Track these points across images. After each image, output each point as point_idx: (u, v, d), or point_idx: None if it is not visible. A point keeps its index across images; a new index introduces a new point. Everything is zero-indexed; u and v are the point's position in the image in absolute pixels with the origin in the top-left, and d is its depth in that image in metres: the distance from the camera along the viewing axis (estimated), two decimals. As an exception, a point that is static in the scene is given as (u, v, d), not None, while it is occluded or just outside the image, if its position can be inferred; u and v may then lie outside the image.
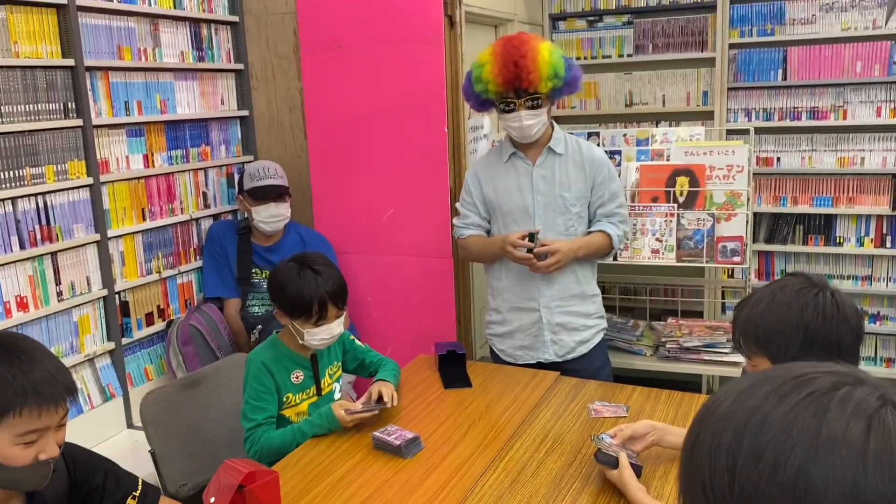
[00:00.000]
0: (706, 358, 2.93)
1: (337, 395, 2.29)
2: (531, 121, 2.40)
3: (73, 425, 1.74)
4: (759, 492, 0.64)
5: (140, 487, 1.68)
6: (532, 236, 2.42)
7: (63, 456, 1.53)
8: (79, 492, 1.61)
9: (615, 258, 2.89)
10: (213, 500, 1.59)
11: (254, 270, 3.08)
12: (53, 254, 2.54)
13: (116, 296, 2.77)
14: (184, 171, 3.07)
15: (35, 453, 1.39)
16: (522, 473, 1.83)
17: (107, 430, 2.72)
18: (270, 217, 2.98)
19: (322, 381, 2.23)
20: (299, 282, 2.07)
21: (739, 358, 2.91)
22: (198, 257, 3.16)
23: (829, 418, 0.64)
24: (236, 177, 3.25)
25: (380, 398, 2.13)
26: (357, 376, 2.60)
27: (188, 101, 3.09)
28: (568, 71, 2.38)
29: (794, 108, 3.98)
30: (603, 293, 2.71)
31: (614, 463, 1.69)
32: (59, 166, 2.55)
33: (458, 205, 2.69)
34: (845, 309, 1.46)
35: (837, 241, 4.00)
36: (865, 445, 0.62)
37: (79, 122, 2.60)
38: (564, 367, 2.54)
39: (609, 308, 2.87)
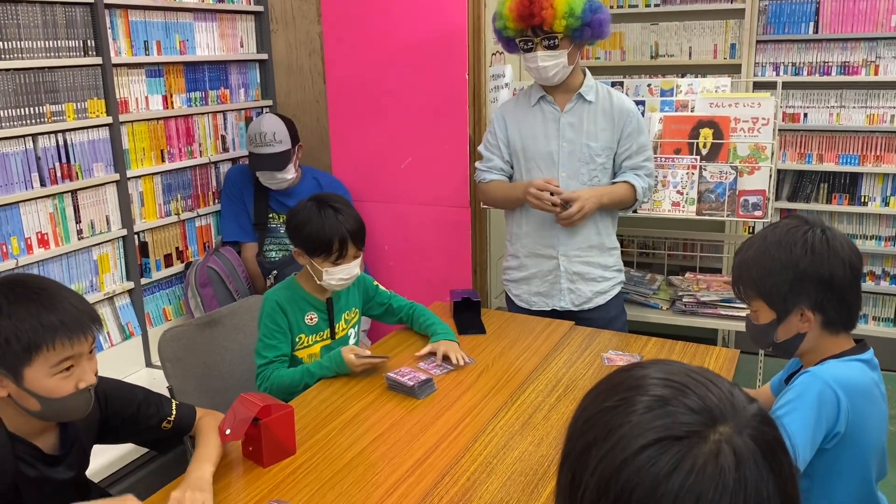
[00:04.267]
0: (723, 313, 2.91)
1: (352, 342, 2.30)
2: (548, 62, 2.36)
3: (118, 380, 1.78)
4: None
5: (174, 412, 1.73)
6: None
7: (94, 389, 1.57)
8: (111, 422, 1.67)
9: (635, 210, 2.86)
10: (228, 431, 1.62)
11: (270, 215, 3.09)
12: (73, 192, 2.56)
13: (136, 236, 2.79)
14: (203, 113, 3.06)
15: (75, 382, 1.45)
16: (534, 416, 1.84)
17: (126, 367, 2.77)
18: (270, 181, 2.98)
19: (336, 326, 2.24)
20: (320, 219, 2.07)
21: (756, 313, 2.89)
22: (216, 201, 3.17)
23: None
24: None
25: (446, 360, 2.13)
26: (382, 322, 2.59)
27: (207, 43, 3.06)
28: (588, 13, 2.32)
29: (825, 62, 3.88)
30: (621, 247, 2.68)
31: None
32: (78, 104, 2.55)
33: (480, 147, 2.66)
34: (836, 244, 1.45)
35: (862, 200, 3.93)
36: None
37: (98, 60, 2.58)
38: (579, 316, 2.54)
39: (626, 263, 2.85)
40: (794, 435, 1.38)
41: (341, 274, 2.11)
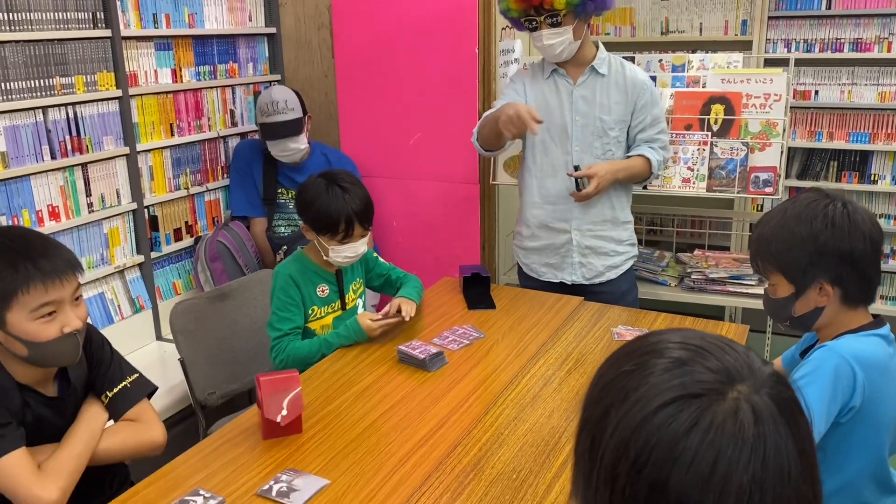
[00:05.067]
0: (731, 290, 2.91)
1: (360, 311, 2.31)
2: (553, 40, 2.34)
3: (103, 334, 1.80)
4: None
5: (116, 390, 1.69)
6: (576, 169, 2.39)
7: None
8: (93, 373, 1.69)
9: (645, 187, 2.85)
10: (284, 414, 1.62)
11: (280, 191, 3.08)
12: (84, 165, 2.56)
13: (145, 210, 2.80)
14: (211, 87, 3.05)
15: (59, 327, 1.50)
16: (544, 389, 1.85)
17: (136, 340, 2.78)
18: (283, 152, 2.96)
19: (346, 297, 2.25)
20: (327, 198, 2.07)
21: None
22: (225, 175, 3.17)
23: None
24: (262, 96, 3.22)
25: (399, 312, 2.16)
26: (381, 294, 2.61)
27: (216, 16, 3.04)
28: None
29: (837, 39, 3.84)
30: (629, 224, 2.68)
31: None
32: (88, 77, 2.54)
33: (495, 102, 2.60)
34: (857, 218, 1.44)
35: (872, 178, 3.91)
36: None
37: (107, 32, 2.58)
38: (590, 290, 2.54)
39: (635, 240, 2.84)
40: (811, 406, 1.38)
41: (347, 252, 2.11)
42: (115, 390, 1.69)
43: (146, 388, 1.75)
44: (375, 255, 2.38)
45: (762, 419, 0.65)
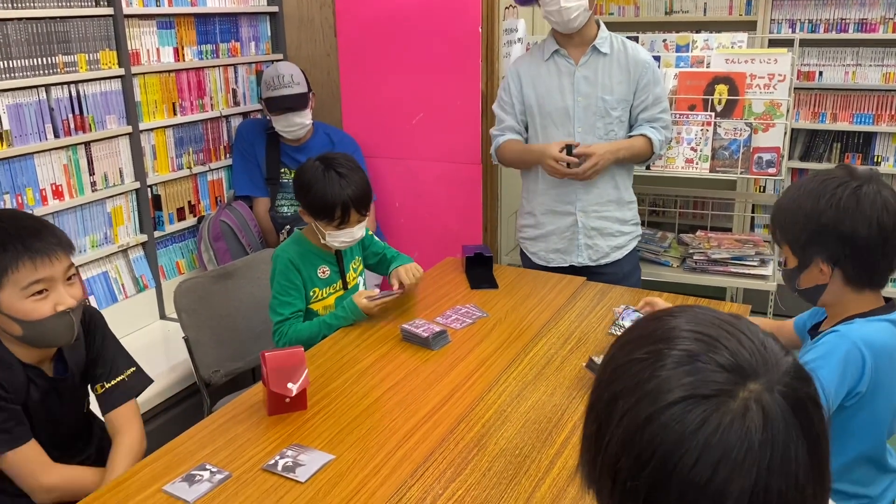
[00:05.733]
0: (733, 270, 2.92)
1: (361, 289, 2.31)
2: (570, 3, 2.32)
3: (107, 314, 1.81)
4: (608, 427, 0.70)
5: (107, 385, 1.70)
6: (569, 148, 2.38)
7: (83, 326, 1.64)
8: (91, 360, 1.70)
9: (647, 167, 2.85)
10: (292, 387, 1.64)
11: (282, 170, 3.08)
12: (87, 144, 2.56)
13: (148, 189, 2.80)
14: (214, 66, 3.04)
15: (52, 305, 1.52)
16: (546, 368, 1.87)
17: (140, 319, 2.80)
18: (289, 127, 2.95)
19: (347, 276, 2.26)
20: (323, 184, 2.06)
21: (767, 271, 2.90)
22: (227, 155, 3.17)
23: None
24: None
25: (400, 285, 2.18)
26: (377, 273, 2.61)
27: (218, -5, 3.03)
28: None
29: (842, 19, 3.82)
30: (632, 205, 2.68)
31: None
32: (90, 55, 2.53)
33: (494, 106, 2.63)
34: (866, 203, 1.41)
35: (875, 160, 3.91)
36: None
37: (109, 10, 2.57)
38: (595, 271, 2.55)
39: (638, 221, 2.85)
40: (825, 388, 1.38)
41: (344, 237, 2.11)
42: (112, 382, 1.70)
43: (142, 384, 1.77)
44: (371, 233, 2.38)
45: (771, 421, 0.63)
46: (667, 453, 0.64)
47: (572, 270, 2.57)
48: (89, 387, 1.74)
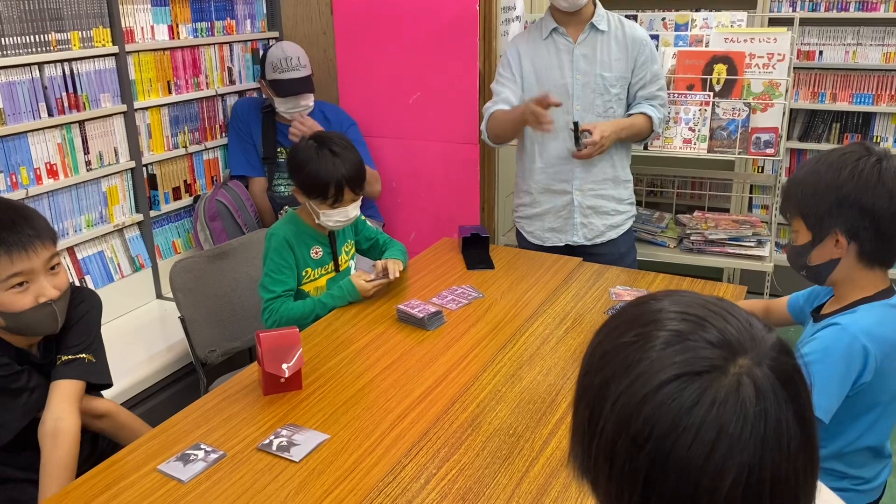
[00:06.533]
0: (730, 251, 2.92)
1: (353, 272, 2.31)
2: None
3: (103, 294, 1.81)
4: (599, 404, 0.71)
5: (69, 358, 1.65)
6: (576, 126, 2.37)
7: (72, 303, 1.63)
8: (64, 328, 1.66)
9: (645, 147, 2.84)
10: (286, 368, 1.65)
11: (279, 150, 3.07)
12: (81, 123, 2.54)
13: (144, 168, 2.79)
14: (209, 44, 3.02)
15: (33, 297, 1.52)
16: (542, 348, 1.87)
17: (136, 299, 2.80)
18: (295, 109, 2.93)
19: (339, 258, 2.25)
20: (317, 162, 2.05)
21: (763, 251, 2.90)
22: (223, 134, 3.15)
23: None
24: (261, 54, 3.18)
25: (385, 272, 2.18)
26: (368, 258, 2.61)
27: (213, -29, 2.99)
28: None
29: (843, -3, 3.79)
30: (629, 185, 2.67)
31: None
32: (84, 33, 2.51)
33: (493, 84, 2.61)
34: (888, 176, 1.40)
35: (875, 140, 3.89)
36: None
37: (102, -13, 2.54)
38: (591, 251, 2.55)
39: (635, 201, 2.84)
40: (814, 383, 1.37)
41: (338, 217, 2.11)
42: (71, 357, 1.64)
43: (97, 376, 1.68)
44: (363, 217, 2.37)
45: (763, 393, 0.64)
46: (664, 433, 0.64)
47: (568, 250, 2.57)
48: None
